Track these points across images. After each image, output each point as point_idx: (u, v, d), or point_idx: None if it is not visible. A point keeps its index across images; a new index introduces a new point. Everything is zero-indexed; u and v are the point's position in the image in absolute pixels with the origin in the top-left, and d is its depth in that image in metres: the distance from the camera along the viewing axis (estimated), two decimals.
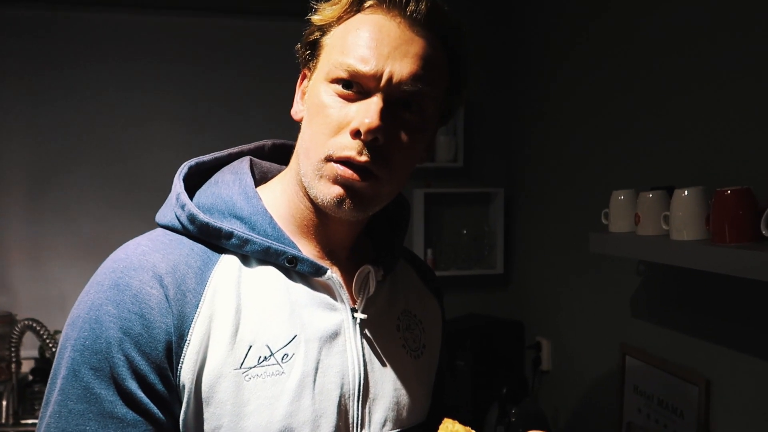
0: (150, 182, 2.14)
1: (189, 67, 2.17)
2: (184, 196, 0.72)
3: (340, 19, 0.71)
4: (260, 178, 0.79)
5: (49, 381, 0.66)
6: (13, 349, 1.87)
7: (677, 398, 1.41)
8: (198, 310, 0.66)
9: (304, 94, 0.75)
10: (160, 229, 0.73)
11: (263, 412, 0.67)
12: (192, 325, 0.65)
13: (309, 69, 0.74)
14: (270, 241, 0.70)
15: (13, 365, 1.88)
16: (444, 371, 0.93)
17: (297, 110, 0.76)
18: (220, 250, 0.71)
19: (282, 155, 0.85)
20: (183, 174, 0.76)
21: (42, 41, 2.06)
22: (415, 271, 0.91)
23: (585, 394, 1.85)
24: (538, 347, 2.08)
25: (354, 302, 0.76)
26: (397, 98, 0.68)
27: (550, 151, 2.06)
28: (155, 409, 0.63)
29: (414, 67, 0.67)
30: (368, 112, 0.66)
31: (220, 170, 0.78)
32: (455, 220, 2.39)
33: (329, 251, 0.76)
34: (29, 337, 1.95)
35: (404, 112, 0.68)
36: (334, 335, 0.73)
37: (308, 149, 0.70)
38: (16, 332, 1.86)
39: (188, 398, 0.65)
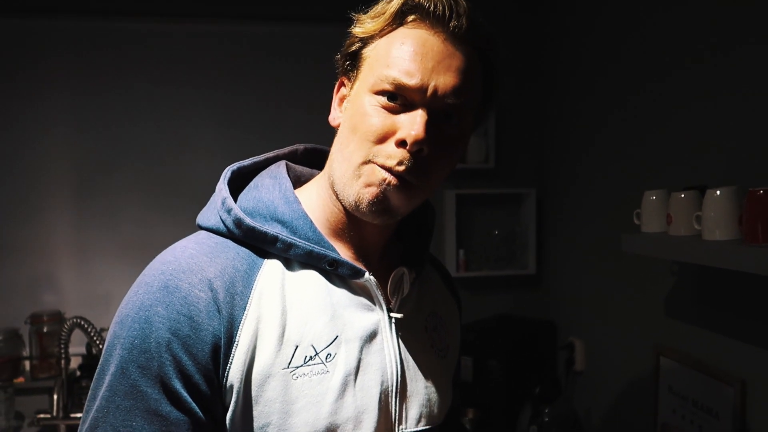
0: (188, 186, 2.21)
1: (227, 73, 2.24)
2: (230, 201, 0.75)
3: (382, 32, 0.73)
4: (294, 182, 0.83)
5: (96, 376, 0.68)
6: (62, 345, 1.96)
7: (712, 399, 1.40)
8: (246, 312, 0.69)
9: (341, 101, 0.78)
10: (204, 232, 0.75)
11: (310, 410, 0.69)
12: (240, 327, 0.68)
13: (348, 78, 0.77)
14: (312, 245, 0.73)
15: (63, 361, 1.97)
16: (458, 373, 0.97)
17: (335, 117, 0.78)
18: (263, 253, 0.74)
19: (314, 159, 0.89)
20: (227, 178, 0.79)
21: (86, 51, 2.15)
22: (439, 274, 0.95)
23: (619, 394, 1.84)
24: (571, 347, 2.08)
25: (389, 303, 0.79)
26: (439, 110, 0.70)
27: (581, 151, 2.06)
28: (197, 410, 0.66)
29: (456, 81, 0.70)
30: (414, 124, 0.69)
31: (259, 174, 0.81)
32: (487, 221, 2.41)
33: (363, 254, 0.79)
34: (77, 335, 2.04)
35: (444, 123, 0.72)
36: (373, 335, 0.76)
37: (348, 154, 0.72)
38: (65, 330, 1.95)
39: (237, 398, 0.67)
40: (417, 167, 0.70)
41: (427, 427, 0.80)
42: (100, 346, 1.91)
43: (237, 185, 0.81)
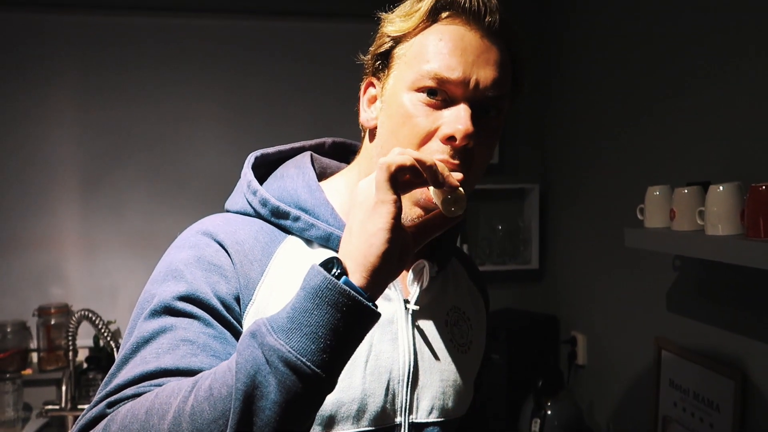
0: (194, 180, 2.23)
1: (233, 67, 2.25)
2: (256, 183, 0.79)
3: (416, 30, 0.73)
4: (320, 173, 0.84)
5: (127, 332, 0.70)
6: (70, 338, 1.99)
7: (713, 392, 1.42)
8: (263, 277, 0.72)
9: (370, 102, 0.78)
10: (233, 213, 0.80)
11: (340, 391, 0.71)
12: (257, 288, 0.72)
13: (378, 78, 0.78)
14: (332, 228, 0.75)
15: (70, 353, 2.00)
16: (483, 369, 0.97)
17: (368, 118, 0.78)
18: (287, 232, 0.77)
19: (341, 153, 0.91)
20: (251, 163, 0.83)
21: (93, 45, 2.16)
22: (466, 270, 0.95)
23: (620, 388, 1.86)
24: (574, 342, 2.10)
25: (407, 294, 0.80)
26: (480, 104, 0.71)
27: (585, 146, 2.07)
28: (225, 339, 0.68)
29: (496, 74, 0.72)
30: (460, 118, 0.69)
31: (284, 164, 0.84)
32: (490, 216, 2.42)
33: None
34: (84, 327, 2.06)
35: (484, 117, 0.72)
36: (388, 323, 0.77)
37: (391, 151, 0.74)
38: (72, 322, 1.97)
39: None
40: (463, 162, 0.71)
41: (440, 419, 0.81)
42: (108, 338, 1.93)
43: (261, 173, 0.84)
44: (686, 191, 1.30)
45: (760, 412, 1.29)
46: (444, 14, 0.72)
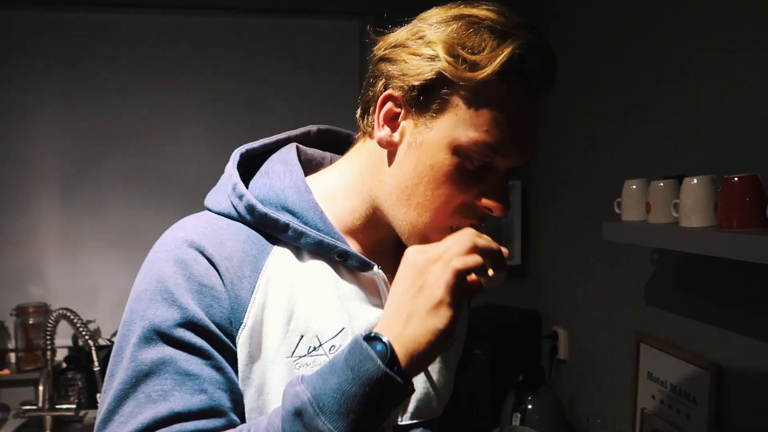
0: (176, 177, 2.21)
1: (216, 64, 2.24)
2: (242, 187, 0.74)
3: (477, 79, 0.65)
4: (305, 165, 0.81)
5: (113, 355, 0.66)
6: (48, 337, 1.96)
7: (690, 384, 1.43)
8: (253, 296, 0.69)
9: (389, 118, 0.71)
10: (215, 215, 0.75)
11: None
12: (248, 310, 0.68)
13: (409, 106, 0.69)
14: (322, 235, 0.72)
15: (49, 353, 1.97)
16: (462, 362, 0.96)
17: (385, 138, 0.71)
18: (274, 239, 0.73)
19: (327, 140, 0.87)
20: (236, 161, 0.77)
21: (72, 42, 2.14)
22: None
23: (600, 381, 1.87)
24: (555, 337, 2.11)
25: None
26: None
27: (566, 143, 2.08)
28: (228, 366, 0.67)
29: (536, 143, 0.71)
30: (501, 191, 0.70)
31: (270, 159, 0.80)
32: None
33: (376, 248, 0.78)
34: (63, 327, 2.04)
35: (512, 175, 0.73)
36: None
37: (416, 206, 0.70)
38: (51, 322, 1.95)
39: (239, 378, 0.68)
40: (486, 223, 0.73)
41: (424, 420, 0.80)
42: (87, 338, 1.91)
43: (246, 167, 0.80)
44: (662, 184, 1.31)
45: (735, 403, 1.31)
46: (514, 72, 0.65)
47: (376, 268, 0.75)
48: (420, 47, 0.67)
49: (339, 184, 0.77)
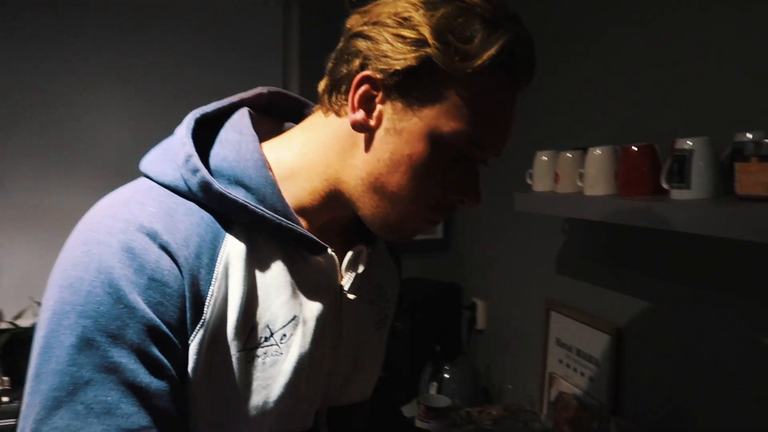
0: (88, 149, 2.08)
1: (127, 28, 2.12)
2: (197, 160, 0.64)
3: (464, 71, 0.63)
4: (257, 134, 0.73)
5: (39, 352, 0.57)
6: None
7: (593, 348, 1.50)
8: (211, 288, 0.63)
9: (363, 99, 0.66)
10: (161, 189, 0.65)
11: (261, 392, 0.66)
12: (207, 304, 0.62)
13: (390, 90, 0.65)
14: (280, 218, 0.66)
15: None
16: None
17: (360, 122, 0.66)
18: (226, 220, 0.66)
19: (279, 105, 0.80)
20: (191, 129, 0.68)
21: None
22: (384, 241, 0.91)
23: (514, 349, 1.93)
24: (473, 308, 2.15)
25: (341, 279, 0.75)
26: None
27: None
28: (176, 375, 0.61)
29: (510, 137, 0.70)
30: (475, 183, 0.70)
31: (224, 128, 0.71)
32: None
33: (323, 227, 0.73)
34: None
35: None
36: (328, 313, 0.72)
37: (393, 194, 0.67)
38: None
39: (194, 374, 0.62)
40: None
41: (358, 401, 0.80)
42: None
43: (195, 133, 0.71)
44: (569, 155, 1.35)
45: (632, 363, 1.38)
46: (502, 65, 0.64)
47: (329, 251, 0.71)
48: (405, 29, 0.63)
49: (299, 163, 0.71)
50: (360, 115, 0.66)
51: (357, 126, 0.66)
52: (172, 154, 0.67)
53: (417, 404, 1.68)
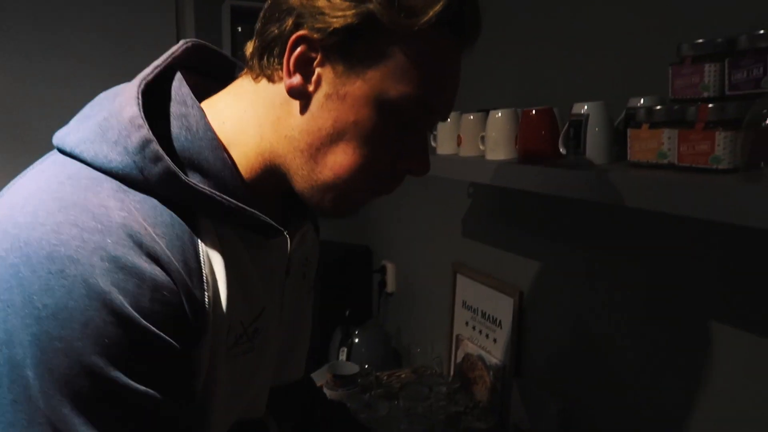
0: None
1: None
2: (157, 147, 0.54)
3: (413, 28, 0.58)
4: None
5: (23, 401, 0.47)
6: None
7: (497, 310, 1.51)
8: (206, 294, 0.56)
9: (298, 62, 0.59)
10: (109, 180, 0.54)
11: (238, 389, 0.64)
12: (207, 313, 0.56)
13: (329, 51, 0.58)
14: (243, 206, 0.59)
15: None
16: None
17: (297, 87, 0.59)
18: (186, 212, 0.56)
19: (199, 60, 0.69)
20: (141, 102, 0.56)
21: None
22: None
23: (422, 312, 1.94)
24: (384, 271, 2.13)
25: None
26: None
27: None
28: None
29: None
30: (422, 151, 0.64)
31: (172, 100, 0.60)
32: None
33: (267, 207, 0.65)
34: None
35: None
36: (281, 296, 0.70)
37: (331, 171, 0.61)
38: None
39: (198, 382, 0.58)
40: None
41: (292, 381, 0.81)
42: None
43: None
44: (471, 117, 1.32)
45: (533, 324, 1.40)
46: (448, 24, 0.59)
47: (285, 233, 0.65)
48: None
49: (231, 137, 0.62)
50: (296, 79, 0.59)
51: (293, 92, 0.59)
52: (115, 134, 0.55)
53: (326, 372, 1.65)
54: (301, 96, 0.60)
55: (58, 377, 0.47)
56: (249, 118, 0.62)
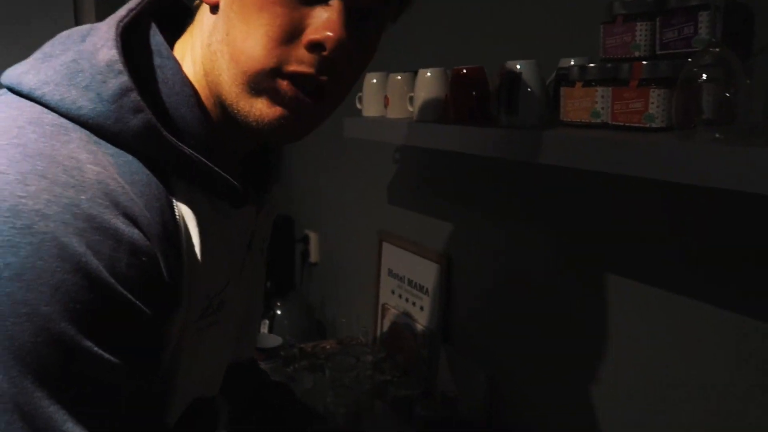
0: None
1: None
2: (137, 96, 0.49)
3: None
4: None
5: None
6: None
7: (424, 277, 1.49)
8: (183, 261, 0.53)
9: None
10: (78, 129, 0.48)
11: (202, 363, 0.61)
12: (183, 281, 0.53)
13: None
14: (218, 170, 0.55)
15: None
16: None
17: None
18: (160, 171, 0.52)
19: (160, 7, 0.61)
20: (120, 45, 0.51)
21: None
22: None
23: (348, 282, 1.89)
24: (307, 240, 2.07)
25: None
26: (358, 8, 0.54)
27: None
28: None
29: None
30: (332, 22, 0.52)
31: (153, 50, 0.55)
32: None
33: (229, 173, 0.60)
34: None
35: (362, 26, 0.56)
36: (244, 269, 0.66)
37: (240, 53, 0.53)
38: None
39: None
40: (332, 76, 0.55)
41: (243, 360, 0.81)
42: None
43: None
44: (399, 77, 1.27)
45: (459, 291, 1.39)
46: None
47: (252, 204, 0.64)
48: None
49: (189, 84, 0.58)
50: None
51: (213, 7, 0.56)
52: (87, 78, 0.50)
53: None
54: (215, 9, 0.56)
55: (19, 346, 0.42)
56: (197, 61, 0.58)
